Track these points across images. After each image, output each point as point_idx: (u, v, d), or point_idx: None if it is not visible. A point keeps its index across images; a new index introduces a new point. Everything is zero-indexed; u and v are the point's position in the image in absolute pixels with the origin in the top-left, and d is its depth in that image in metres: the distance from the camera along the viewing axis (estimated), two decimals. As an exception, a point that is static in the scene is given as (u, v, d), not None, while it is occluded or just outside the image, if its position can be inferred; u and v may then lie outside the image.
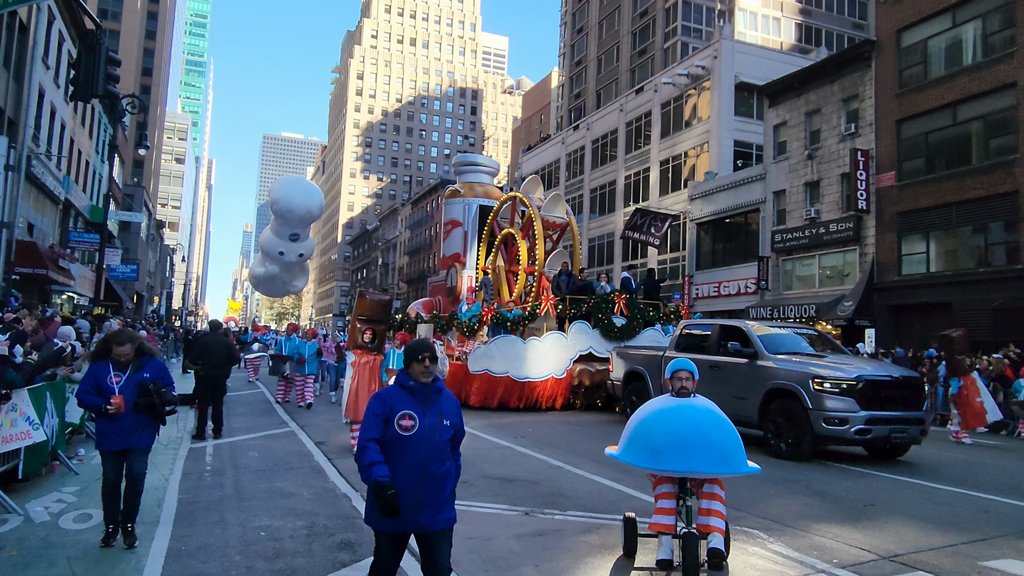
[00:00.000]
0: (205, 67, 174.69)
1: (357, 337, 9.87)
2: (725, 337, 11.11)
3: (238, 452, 9.55)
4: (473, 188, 22.37)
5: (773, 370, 10.08)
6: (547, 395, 15.15)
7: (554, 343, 15.23)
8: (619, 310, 15.96)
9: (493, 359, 14.88)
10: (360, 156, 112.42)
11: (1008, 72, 21.60)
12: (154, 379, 5.42)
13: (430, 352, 3.66)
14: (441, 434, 3.60)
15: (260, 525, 5.96)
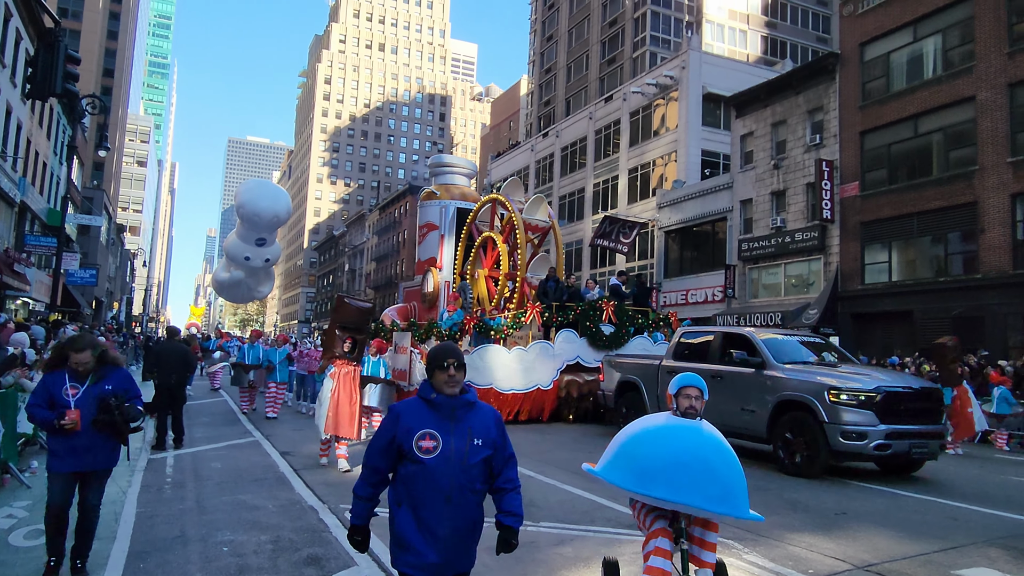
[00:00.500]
0: (169, 69, 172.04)
1: (336, 346, 9.28)
2: (728, 345, 10.62)
3: (200, 463, 9.27)
4: (449, 190, 21.54)
5: (783, 380, 9.53)
6: (533, 407, 14.50)
7: (540, 353, 14.57)
8: (607, 317, 15.37)
9: (476, 370, 14.04)
10: (327, 161, 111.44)
11: (967, 86, 22.12)
12: (117, 391, 4.76)
13: (456, 358, 3.09)
14: (471, 455, 3.03)
15: (223, 540, 5.75)
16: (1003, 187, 20.99)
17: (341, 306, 9.57)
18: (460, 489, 3.01)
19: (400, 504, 3.06)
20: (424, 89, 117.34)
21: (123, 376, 4.98)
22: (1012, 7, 21.36)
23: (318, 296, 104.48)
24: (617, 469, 3.83)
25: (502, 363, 14.21)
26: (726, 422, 9.29)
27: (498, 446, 3.13)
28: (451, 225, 20.74)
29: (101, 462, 4.81)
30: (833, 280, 25.65)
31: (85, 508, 4.81)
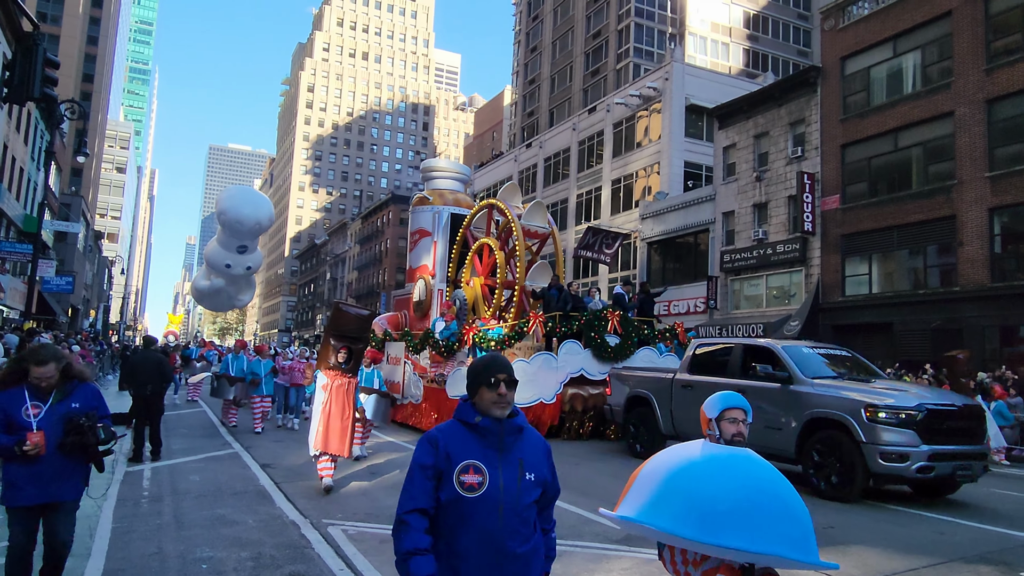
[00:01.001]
0: (150, 75, 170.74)
1: (330, 356, 8.62)
2: (750, 358, 10.00)
3: (178, 476, 9.07)
4: (443, 195, 20.77)
5: (813, 397, 8.87)
6: (535, 422, 13.58)
7: (543, 365, 13.83)
8: (612, 328, 14.64)
9: None
10: (309, 169, 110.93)
11: (945, 101, 22.42)
12: (86, 410, 4.15)
13: (508, 373, 2.53)
14: (523, 494, 2.48)
15: (201, 557, 5.59)
16: (981, 201, 21.26)
17: (338, 313, 8.87)
18: (512, 535, 2.44)
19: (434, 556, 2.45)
20: (407, 98, 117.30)
21: (91, 392, 4.33)
22: (989, 25, 21.71)
23: (299, 305, 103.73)
24: (665, 513, 2.73)
25: None
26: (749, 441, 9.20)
27: (548, 483, 2.63)
28: (445, 231, 19.98)
29: (70, 491, 4.18)
30: (814, 292, 25.82)
31: (54, 546, 4.21)
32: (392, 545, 2.42)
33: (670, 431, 10.89)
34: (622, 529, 3.18)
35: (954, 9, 22.38)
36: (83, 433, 4.05)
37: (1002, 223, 21.24)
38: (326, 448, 8.25)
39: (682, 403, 10.72)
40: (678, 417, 10.76)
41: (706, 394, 11.06)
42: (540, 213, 18.74)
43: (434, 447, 2.48)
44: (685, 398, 10.66)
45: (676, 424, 10.80)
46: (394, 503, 7.79)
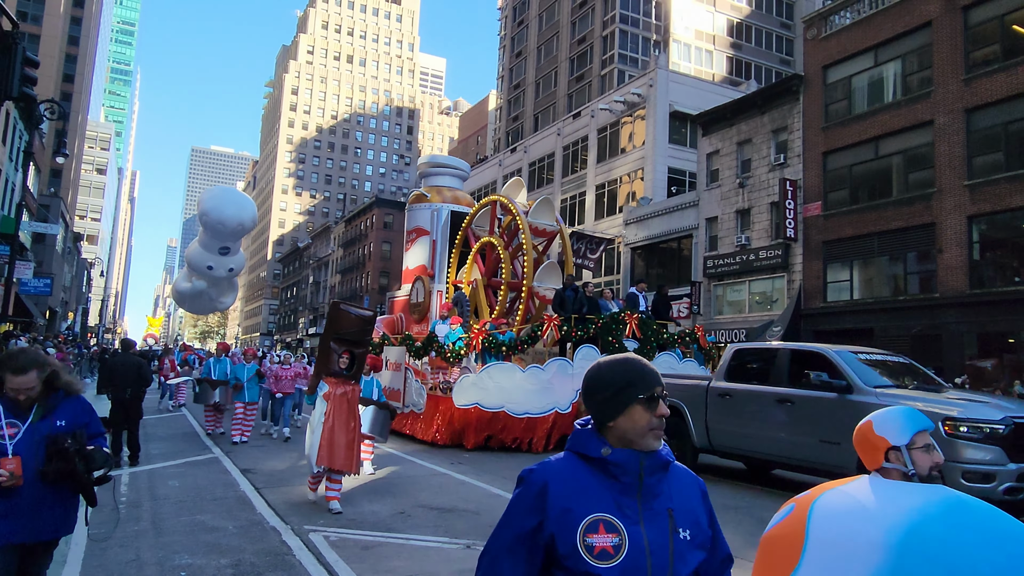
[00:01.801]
0: (131, 76, 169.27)
1: (332, 361, 7.86)
2: (800, 364, 9.15)
3: (157, 481, 8.94)
4: (441, 192, 19.86)
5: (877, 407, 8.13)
6: (550, 432, 12.79)
7: (558, 371, 12.96)
8: (630, 332, 13.68)
9: (486, 391, 12.48)
10: (293, 172, 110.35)
11: (925, 110, 22.69)
12: (74, 428, 3.37)
13: (660, 384, 1.75)
14: (680, 561, 1.66)
15: (180, 564, 5.50)
16: (960, 209, 21.52)
17: (338, 314, 8.13)
18: None
19: None
20: (392, 102, 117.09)
21: (80, 407, 3.54)
22: (968, 35, 22.01)
23: (281, 309, 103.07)
24: None
25: (516, 383, 12.65)
26: (801, 456, 8.69)
27: (710, 540, 1.79)
28: (444, 230, 19.06)
29: (49, 529, 3.37)
30: (796, 298, 26.01)
31: None
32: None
33: (704, 444, 10.10)
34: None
35: (934, 20, 22.68)
36: (69, 459, 3.24)
37: (980, 231, 21.51)
38: (331, 464, 7.37)
39: (719, 413, 9.87)
40: (714, 429, 9.93)
41: (747, 403, 9.23)
42: (548, 210, 17.78)
43: (539, 496, 1.67)
44: (722, 408, 9.84)
45: (712, 436, 9.96)
46: (379, 508, 7.75)
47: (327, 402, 7.59)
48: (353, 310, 8.36)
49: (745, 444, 9.54)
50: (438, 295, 18.39)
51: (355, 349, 8.05)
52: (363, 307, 9.04)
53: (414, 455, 11.80)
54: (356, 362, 8.01)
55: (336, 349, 7.92)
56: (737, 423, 9.54)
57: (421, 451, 12.36)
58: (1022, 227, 20.87)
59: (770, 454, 9.22)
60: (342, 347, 7.95)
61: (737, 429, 9.54)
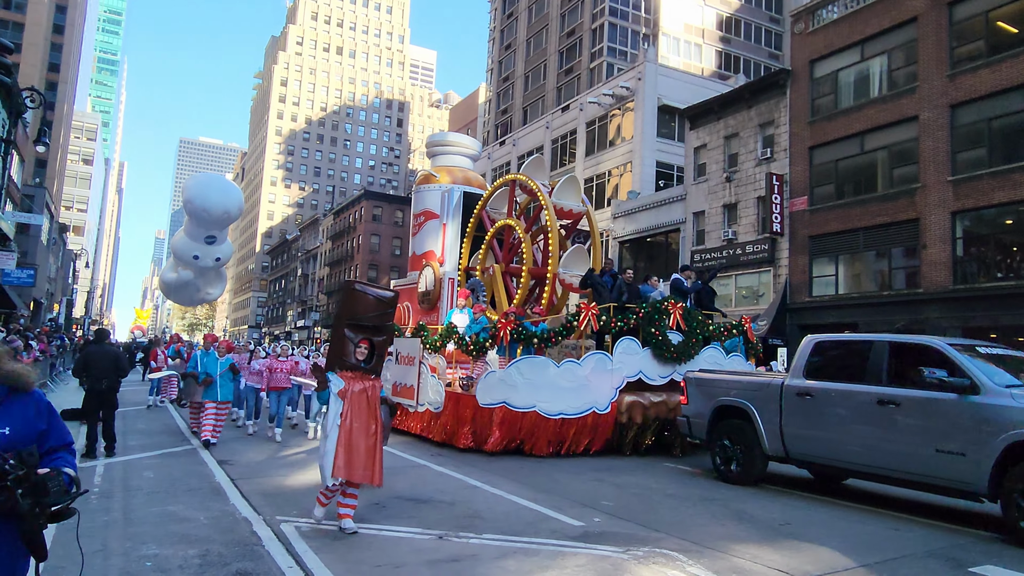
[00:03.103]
0: (118, 66, 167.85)
1: (347, 352, 6.65)
2: (903, 359, 7.96)
3: (131, 472, 8.87)
4: (452, 172, 18.26)
5: (1016, 412, 6.72)
6: (586, 436, 11.49)
7: (596, 367, 11.59)
8: (674, 323, 12.34)
9: (515, 388, 11.13)
10: (281, 164, 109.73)
11: (910, 106, 22.75)
12: (22, 439, 2.47)
13: None
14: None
15: (147, 554, 5.45)
16: (944, 205, 21.62)
17: (353, 297, 6.85)
18: None
19: None
20: (382, 94, 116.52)
21: (35, 409, 2.60)
22: (953, 31, 22.08)
23: (269, 301, 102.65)
24: None
25: (549, 380, 11.29)
26: (910, 468, 7.47)
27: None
28: (456, 212, 17.62)
29: None
30: (782, 292, 26.09)
31: None
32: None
33: (777, 451, 8.88)
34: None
35: (920, 15, 22.73)
36: (5, 490, 2.29)
37: (964, 227, 21.62)
38: (350, 476, 6.21)
39: (797, 417, 8.62)
40: (791, 434, 8.69)
41: (835, 405, 8.32)
42: (573, 190, 16.00)
43: None
44: (802, 411, 8.56)
45: (788, 443, 8.73)
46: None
47: (343, 401, 6.43)
48: (371, 290, 7.00)
49: (832, 453, 8.23)
50: (450, 283, 17.01)
51: (374, 337, 6.81)
52: (382, 287, 7.44)
53: (395, 447, 11.75)
54: (376, 353, 6.80)
55: (352, 338, 6.71)
56: (822, 428, 8.32)
57: (404, 443, 12.29)
58: (1005, 223, 20.99)
59: (866, 465, 7.90)
60: (359, 335, 6.73)
61: (822, 435, 8.31)
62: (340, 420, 6.36)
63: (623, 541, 6.19)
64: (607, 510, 7.47)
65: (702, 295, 14.45)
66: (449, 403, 12.13)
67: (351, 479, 6.24)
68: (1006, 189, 20.26)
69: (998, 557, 6.13)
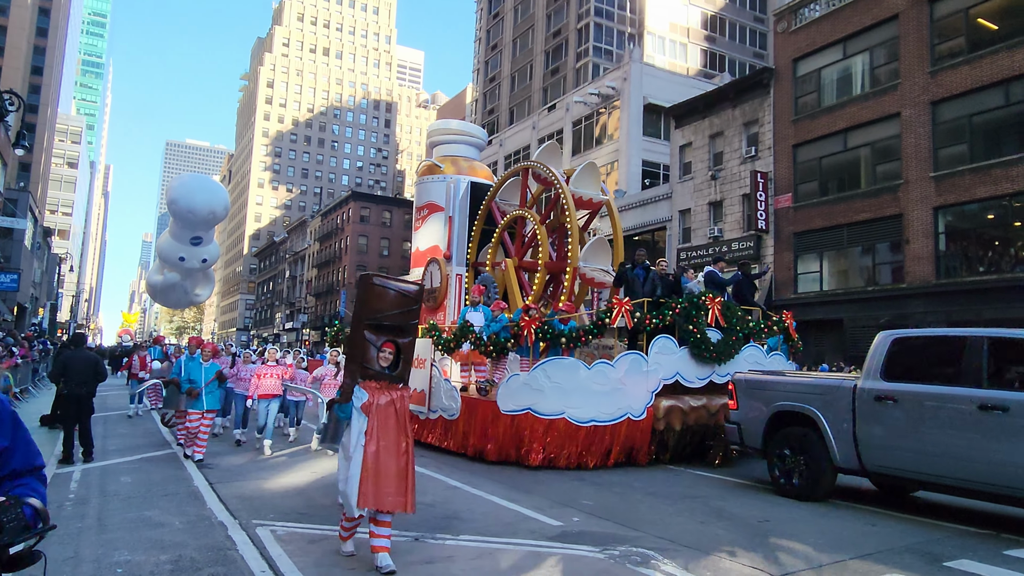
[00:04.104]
0: (103, 68, 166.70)
1: (370, 358, 5.66)
2: (1005, 357, 7.06)
3: (109, 477, 8.79)
4: (457, 163, 16.95)
5: None
6: (621, 445, 10.40)
7: (631, 368, 10.55)
8: (713, 319, 11.29)
9: (541, 392, 10.14)
10: (269, 166, 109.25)
11: (892, 103, 22.89)
12: None
13: None
14: None
15: (118, 561, 5.39)
16: (926, 200, 21.75)
17: (371, 292, 5.79)
18: None
19: None
20: (369, 95, 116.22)
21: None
22: (934, 28, 22.22)
23: (257, 304, 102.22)
24: None
25: (580, 383, 10.27)
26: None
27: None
28: (463, 205, 16.35)
29: None
30: (768, 289, 26.18)
31: None
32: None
33: (850, 463, 7.88)
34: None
35: (901, 12, 22.87)
36: None
37: (946, 222, 21.76)
38: (379, 505, 5.28)
39: (875, 424, 7.64)
40: (868, 444, 7.68)
41: (924, 411, 7.44)
42: (593, 177, 14.72)
43: None
44: (881, 417, 7.60)
45: (864, 454, 7.72)
46: (331, 503, 7.62)
47: (367, 416, 5.46)
48: (391, 284, 5.96)
49: (921, 466, 7.23)
50: (457, 279, 15.85)
51: (399, 339, 5.84)
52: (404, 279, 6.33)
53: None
54: (403, 357, 5.82)
55: (374, 340, 5.71)
56: (908, 437, 7.33)
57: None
58: (986, 218, 21.14)
59: (965, 480, 6.94)
60: (381, 337, 5.74)
61: (908, 445, 7.32)
62: (364, 439, 5.42)
63: (601, 540, 6.19)
64: (586, 509, 7.46)
65: (743, 287, 13.30)
66: (466, 409, 11.13)
67: (380, 507, 5.31)
68: (987, 184, 20.42)
69: (973, 551, 6.16)
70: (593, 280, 13.72)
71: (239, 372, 12.82)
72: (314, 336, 70.49)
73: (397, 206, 72.23)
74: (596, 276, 13.56)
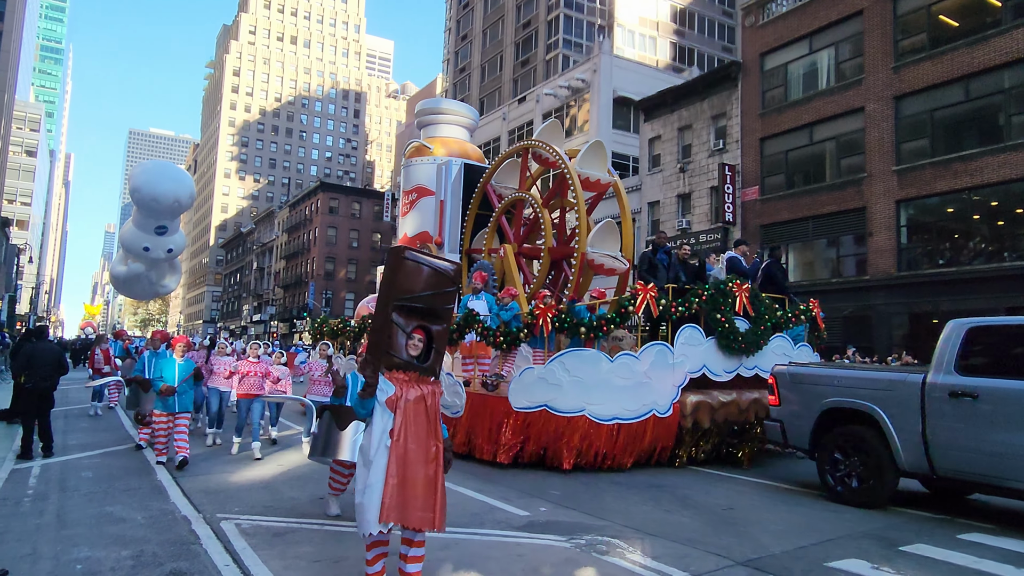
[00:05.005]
0: (63, 54, 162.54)
1: (396, 345, 4.71)
2: None
3: (69, 472, 8.62)
4: (447, 144, 15.89)
5: None
6: (646, 444, 9.57)
7: (656, 361, 9.70)
8: (740, 307, 10.46)
9: (559, 388, 9.25)
10: (235, 156, 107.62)
11: (857, 97, 23.26)
12: None
13: None
14: None
15: (78, 557, 5.30)
16: (889, 194, 22.17)
17: (402, 268, 4.78)
18: None
19: None
20: (338, 85, 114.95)
21: None
22: (898, 24, 22.61)
23: (224, 296, 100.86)
24: None
25: (601, 378, 9.39)
26: None
27: None
28: (455, 188, 15.42)
29: None
30: (734, 281, 26.49)
31: None
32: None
33: (918, 466, 7.11)
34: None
35: (865, 9, 23.23)
36: None
37: (908, 215, 22.21)
38: (405, 521, 4.38)
39: (950, 423, 6.87)
40: (940, 445, 6.94)
41: (1010, 408, 6.70)
42: (599, 158, 13.68)
43: None
44: (957, 415, 6.82)
45: (935, 456, 6.98)
46: (297, 495, 7.57)
47: (394, 413, 4.53)
48: (424, 259, 4.92)
49: (1009, 471, 6.46)
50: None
51: (432, 325, 4.90)
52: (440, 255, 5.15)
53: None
54: (435, 346, 4.89)
55: (403, 324, 4.79)
56: (993, 439, 6.56)
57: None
58: (947, 211, 21.61)
59: None
60: (411, 322, 4.82)
61: (993, 448, 6.55)
62: (390, 440, 4.48)
63: (567, 530, 6.23)
64: (553, 499, 7.51)
65: (775, 272, 12.31)
66: (472, 407, 10.16)
67: (405, 524, 4.38)
68: (947, 178, 20.86)
69: (929, 536, 6.32)
70: (602, 267, 12.65)
71: (213, 365, 11.58)
72: (282, 328, 69.78)
73: (367, 197, 71.68)
74: (606, 263, 12.55)
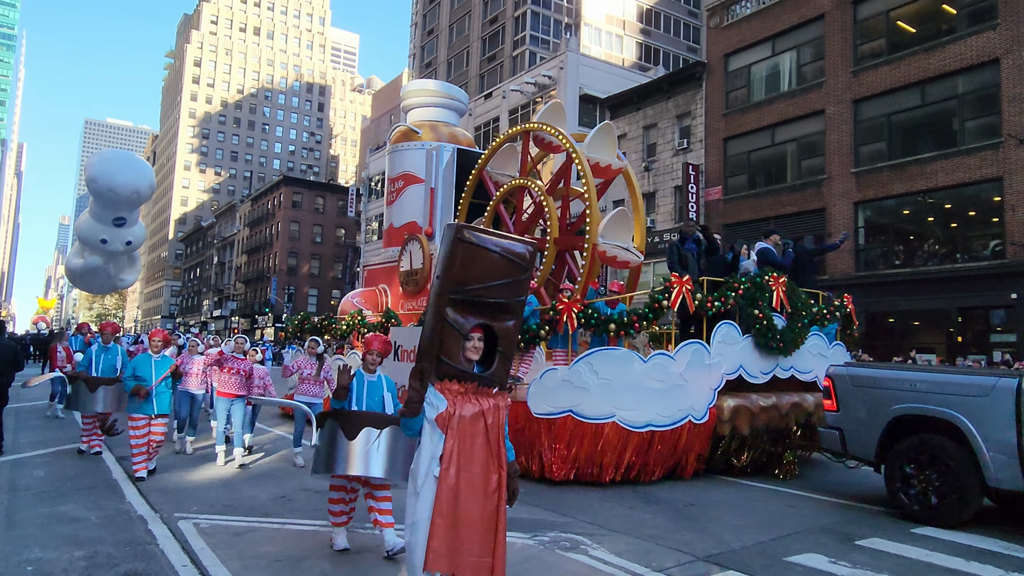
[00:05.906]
0: (16, 41, 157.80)
1: (451, 349, 3.80)
2: None
3: (20, 471, 8.37)
4: (437, 129, 14.86)
5: None
6: (680, 453, 8.69)
7: (692, 361, 8.83)
8: (777, 302, 9.60)
9: (586, 391, 8.30)
10: (196, 148, 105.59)
11: (817, 100, 23.69)
12: None
13: None
14: None
15: (29, 559, 5.15)
16: (847, 195, 22.63)
17: (460, 251, 3.78)
18: None
19: None
20: (302, 77, 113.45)
21: None
22: (857, 29, 23.07)
23: (183, 290, 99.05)
24: None
25: (633, 379, 8.47)
26: None
27: None
28: (447, 175, 14.45)
29: None
30: (697, 279, 26.82)
31: None
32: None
33: (1012, 482, 6.31)
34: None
35: (826, 13, 23.65)
36: None
37: (865, 216, 22.70)
38: (455, 569, 3.64)
39: None
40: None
41: None
42: (608, 142, 12.55)
43: None
44: None
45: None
46: (258, 493, 7.47)
47: (444, 434, 3.72)
48: (491, 242, 3.85)
49: None
50: None
51: (496, 322, 3.93)
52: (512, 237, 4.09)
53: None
54: (500, 349, 3.94)
55: (460, 324, 3.83)
56: None
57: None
58: (903, 213, 22.13)
59: None
60: (471, 319, 3.86)
61: None
62: (441, 467, 3.68)
63: (531, 527, 6.24)
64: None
65: (804, 264, 11.42)
66: None
67: (456, 573, 3.63)
68: (903, 181, 21.36)
69: (883, 531, 6.47)
70: (615, 259, 11.69)
71: (184, 364, 10.32)
72: (244, 324, 68.74)
73: (331, 192, 70.90)
74: (619, 255, 11.59)
